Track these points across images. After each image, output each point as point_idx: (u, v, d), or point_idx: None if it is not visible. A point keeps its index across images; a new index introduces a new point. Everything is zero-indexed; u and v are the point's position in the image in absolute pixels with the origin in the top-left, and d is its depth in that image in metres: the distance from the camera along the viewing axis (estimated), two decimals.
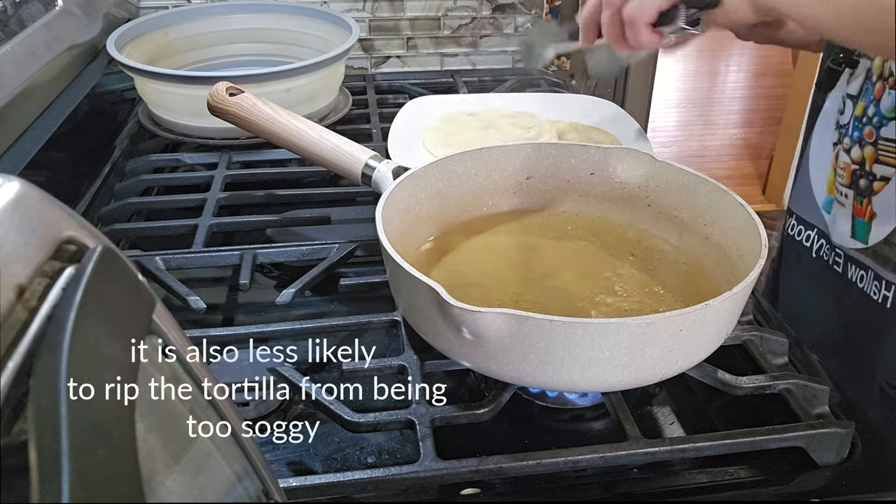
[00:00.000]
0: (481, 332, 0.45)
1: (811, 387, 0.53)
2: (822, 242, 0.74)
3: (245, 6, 1.07)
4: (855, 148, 0.68)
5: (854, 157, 0.69)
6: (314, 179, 0.87)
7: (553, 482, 0.50)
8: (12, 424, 0.17)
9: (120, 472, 0.17)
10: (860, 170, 0.68)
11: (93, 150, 0.91)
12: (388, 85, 1.12)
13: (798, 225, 0.78)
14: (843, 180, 0.70)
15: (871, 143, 0.67)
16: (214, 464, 0.26)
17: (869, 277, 0.68)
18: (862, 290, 0.69)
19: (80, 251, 0.20)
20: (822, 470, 0.50)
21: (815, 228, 0.76)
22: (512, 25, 1.21)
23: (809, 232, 0.76)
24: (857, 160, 0.68)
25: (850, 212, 0.69)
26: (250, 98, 0.73)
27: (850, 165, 0.69)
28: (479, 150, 0.67)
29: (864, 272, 0.69)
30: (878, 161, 0.66)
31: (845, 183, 0.70)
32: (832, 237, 0.72)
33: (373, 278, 0.65)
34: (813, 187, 0.76)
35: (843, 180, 0.70)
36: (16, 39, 0.75)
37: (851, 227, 0.69)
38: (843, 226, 0.70)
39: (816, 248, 0.75)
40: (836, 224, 0.72)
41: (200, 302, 0.61)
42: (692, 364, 0.50)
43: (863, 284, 0.69)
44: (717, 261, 0.60)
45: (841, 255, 0.71)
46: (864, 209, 0.68)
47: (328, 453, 0.52)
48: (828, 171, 0.73)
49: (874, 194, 0.67)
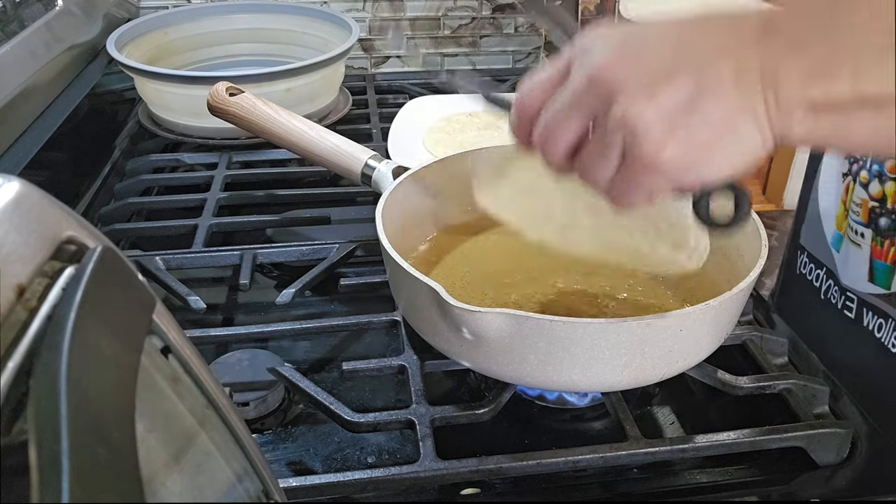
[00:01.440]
0: (481, 332, 0.45)
1: (811, 387, 0.53)
2: (830, 283, 0.66)
3: (245, 6, 1.06)
4: (874, 183, 0.61)
5: (873, 193, 0.61)
6: (314, 179, 0.87)
7: (553, 482, 0.50)
8: (12, 424, 0.17)
9: (120, 472, 0.17)
10: (880, 207, 0.61)
11: (93, 150, 0.91)
12: (388, 85, 1.12)
13: (809, 263, 0.70)
14: (859, 217, 0.63)
15: (893, 178, 0.59)
16: (214, 464, 0.26)
17: (889, 327, 0.61)
18: (880, 342, 0.61)
19: (80, 251, 0.20)
20: (822, 470, 0.50)
21: (823, 268, 0.68)
22: (512, 25, 1.21)
23: (819, 271, 0.68)
24: (877, 196, 0.61)
25: (867, 254, 0.62)
26: (250, 98, 0.73)
27: (868, 202, 0.62)
28: (479, 150, 0.67)
29: (882, 320, 0.61)
30: None
31: (862, 221, 0.62)
32: (841, 279, 0.65)
33: (373, 278, 0.65)
34: (823, 223, 0.68)
35: (859, 217, 0.63)
36: (15, 39, 0.75)
37: (869, 271, 0.62)
38: (859, 269, 0.63)
39: (824, 290, 0.68)
40: (848, 265, 0.64)
41: (200, 302, 0.61)
42: (692, 364, 0.50)
43: (881, 334, 0.61)
44: (717, 261, 0.60)
45: (853, 300, 0.63)
46: (885, 251, 0.60)
47: (328, 453, 0.52)
48: (837, 205, 0.66)
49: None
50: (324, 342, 0.62)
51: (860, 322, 0.63)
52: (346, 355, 0.61)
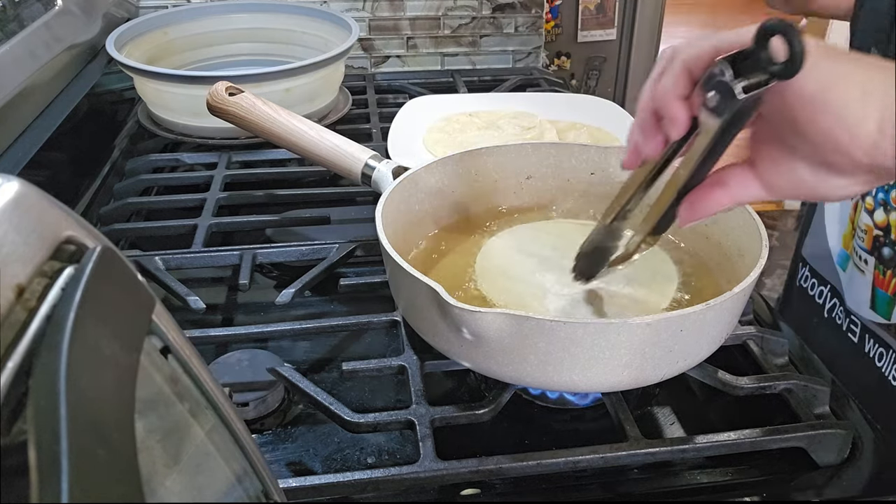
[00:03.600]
0: (481, 333, 0.45)
1: (812, 387, 0.53)
2: (836, 302, 0.65)
3: (245, 6, 1.06)
4: (879, 211, 0.60)
5: (878, 221, 0.60)
6: (314, 179, 0.87)
7: (553, 482, 0.49)
8: (12, 424, 0.17)
9: (120, 472, 0.17)
10: (884, 237, 0.59)
11: (92, 149, 0.91)
12: (388, 85, 1.12)
13: (812, 278, 0.69)
14: (864, 244, 0.62)
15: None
16: (214, 464, 0.26)
17: (889, 358, 0.60)
18: (881, 372, 0.60)
19: (79, 251, 0.20)
20: (822, 470, 0.50)
21: (828, 285, 0.66)
22: (512, 25, 1.21)
23: (822, 288, 0.67)
24: (882, 225, 0.60)
25: (870, 280, 0.61)
26: (250, 98, 0.73)
27: (873, 229, 0.60)
28: (479, 150, 0.67)
29: (883, 350, 0.60)
30: None
31: (866, 248, 0.61)
32: (847, 302, 0.63)
33: (373, 278, 0.65)
34: (828, 239, 0.67)
35: (864, 244, 0.62)
36: (15, 39, 0.75)
37: (871, 298, 0.61)
38: (861, 294, 0.62)
39: (829, 308, 0.66)
40: (853, 289, 0.63)
41: (200, 302, 0.61)
42: (692, 364, 0.50)
43: (881, 364, 0.60)
44: (717, 261, 0.60)
45: (857, 325, 0.62)
46: (887, 281, 0.59)
47: (328, 453, 0.52)
48: (845, 224, 0.64)
49: None
50: (324, 342, 0.62)
51: (862, 348, 0.63)
52: (346, 355, 0.61)
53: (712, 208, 0.42)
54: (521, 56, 1.23)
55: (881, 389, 0.61)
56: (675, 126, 0.40)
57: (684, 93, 0.39)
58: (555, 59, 2.01)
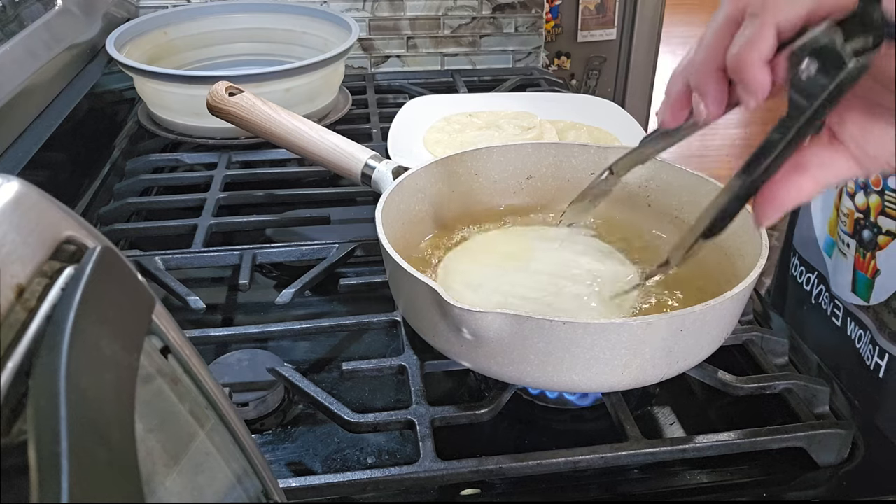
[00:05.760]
0: (481, 333, 0.45)
1: (811, 387, 0.53)
2: (822, 288, 0.66)
3: (245, 6, 1.06)
4: (860, 194, 0.61)
5: (858, 205, 0.61)
6: (314, 179, 0.87)
7: (553, 482, 0.49)
8: (12, 424, 0.17)
9: (120, 472, 0.17)
10: (864, 220, 0.60)
11: (92, 149, 0.91)
12: (388, 85, 1.12)
13: (800, 266, 0.69)
14: (846, 227, 0.62)
15: (877, 191, 0.59)
16: (214, 464, 0.26)
17: (866, 339, 0.60)
18: (858, 353, 0.61)
19: (79, 251, 0.20)
20: (822, 470, 0.50)
21: (815, 272, 0.67)
22: (512, 25, 1.21)
23: (810, 275, 0.68)
24: (862, 208, 0.61)
25: (851, 263, 0.62)
26: (250, 98, 0.73)
27: (854, 213, 0.61)
28: (479, 150, 0.67)
29: (862, 331, 0.61)
30: (885, 213, 0.59)
31: (848, 231, 0.62)
32: (831, 286, 0.64)
33: (373, 278, 0.65)
34: (814, 226, 0.67)
35: (846, 227, 0.62)
36: (15, 39, 0.75)
37: (852, 281, 0.62)
38: (844, 277, 0.62)
39: (816, 294, 0.67)
40: (837, 273, 0.64)
41: (200, 302, 0.61)
42: (692, 364, 0.50)
43: (860, 345, 0.61)
44: (717, 261, 0.60)
45: (840, 308, 0.63)
46: (866, 264, 0.60)
47: (328, 453, 0.52)
48: (830, 210, 0.65)
49: (879, 249, 0.59)
50: (324, 342, 0.62)
51: (845, 331, 0.64)
52: (346, 355, 0.61)
53: (795, 198, 0.37)
54: (521, 56, 1.23)
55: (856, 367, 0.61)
56: (755, 93, 0.36)
57: (769, 56, 0.35)
58: (555, 59, 2.01)
